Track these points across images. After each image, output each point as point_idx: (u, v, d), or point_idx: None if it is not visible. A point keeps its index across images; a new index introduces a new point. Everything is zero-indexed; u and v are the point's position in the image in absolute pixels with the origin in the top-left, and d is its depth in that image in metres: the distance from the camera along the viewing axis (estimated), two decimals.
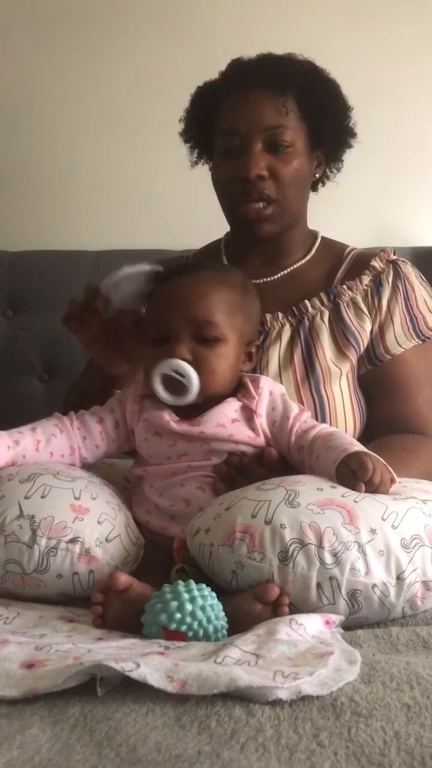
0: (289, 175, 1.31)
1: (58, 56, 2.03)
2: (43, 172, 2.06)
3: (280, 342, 1.35)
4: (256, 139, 1.29)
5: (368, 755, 0.64)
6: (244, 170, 1.29)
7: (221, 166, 1.35)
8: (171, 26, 2.02)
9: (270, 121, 1.29)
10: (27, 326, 1.95)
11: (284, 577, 0.94)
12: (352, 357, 1.34)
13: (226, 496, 1.06)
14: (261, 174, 1.29)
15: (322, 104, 1.33)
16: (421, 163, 2.02)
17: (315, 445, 1.12)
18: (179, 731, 0.68)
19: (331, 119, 1.35)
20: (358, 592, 0.93)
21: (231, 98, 1.32)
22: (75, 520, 1.04)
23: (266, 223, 1.33)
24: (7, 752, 0.65)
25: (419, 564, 0.96)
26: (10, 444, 1.14)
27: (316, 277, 1.41)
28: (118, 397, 1.23)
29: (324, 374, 1.32)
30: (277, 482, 1.04)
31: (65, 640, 0.85)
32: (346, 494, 1.01)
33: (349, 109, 1.38)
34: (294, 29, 1.97)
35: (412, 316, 1.37)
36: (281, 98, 1.29)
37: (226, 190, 1.35)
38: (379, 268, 1.38)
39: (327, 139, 1.37)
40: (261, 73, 1.31)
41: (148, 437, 1.17)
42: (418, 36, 2.00)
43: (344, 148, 1.41)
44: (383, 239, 1.95)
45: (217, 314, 1.13)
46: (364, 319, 1.35)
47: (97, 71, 2.03)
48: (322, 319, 1.36)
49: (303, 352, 1.34)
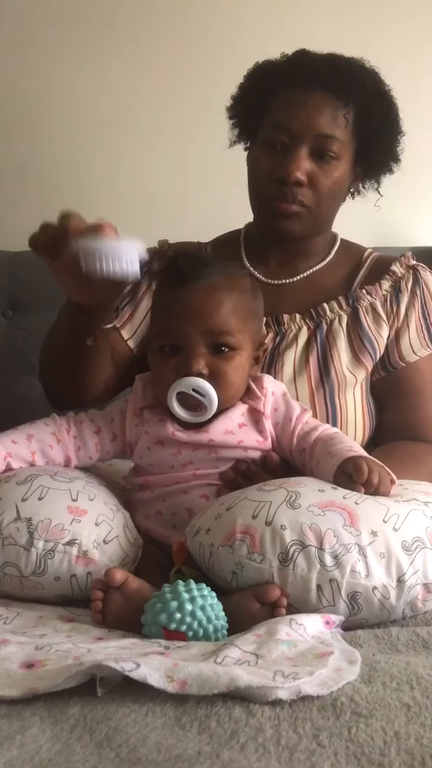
0: (328, 187, 1.28)
1: (55, 56, 2.03)
2: (43, 172, 2.06)
3: (296, 345, 1.33)
4: (305, 142, 1.25)
5: (368, 755, 0.64)
6: (284, 171, 1.25)
7: (262, 157, 1.30)
8: (172, 27, 2.01)
9: (325, 128, 1.25)
10: (27, 326, 1.94)
11: (284, 578, 0.93)
12: (367, 364, 1.33)
13: (227, 497, 1.06)
14: (301, 179, 1.25)
15: (379, 125, 1.30)
16: (420, 163, 2.02)
17: (316, 448, 1.12)
18: (179, 731, 0.68)
19: (384, 142, 1.33)
20: (358, 594, 0.93)
21: (290, 92, 1.26)
22: (72, 521, 1.03)
23: (293, 221, 1.29)
24: (7, 752, 0.65)
25: (420, 566, 0.96)
26: (5, 455, 1.12)
27: (335, 281, 1.39)
28: (118, 407, 1.19)
29: (339, 382, 1.31)
30: (279, 483, 1.04)
31: (65, 639, 0.85)
32: (347, 496, 1.01)
33: (401, 134, 1.34)
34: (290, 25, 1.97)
35: (428, 323, 1.36)
36: (343, 109, 1.25)
37: (261, 184, 1.30)
38: (399, 274, 1.37)
39: (373, 157, 1.34)
40: (329, 75, 1.25)
41: (150, 446, 1.15)
42: (416, 33, 2.00)
43: (386, 171, 1.37)
44: (383, 239, 1.95)
45: (233, 323, 1.10)
46: (382, 325, 1.34)
47: (96, 71, 2.03)
48: (340, 323, 1.34)
49: (319, 357, 1.32)
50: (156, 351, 1.14)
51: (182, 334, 1.09)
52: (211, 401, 1.08)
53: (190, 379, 1.08)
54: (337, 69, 1.26)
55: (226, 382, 1.10)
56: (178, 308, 1.10)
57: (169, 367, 1.10)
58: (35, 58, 2.04)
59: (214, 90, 1.47)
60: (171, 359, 1.10)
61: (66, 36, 2.02)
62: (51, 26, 2.02)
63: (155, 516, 1.15)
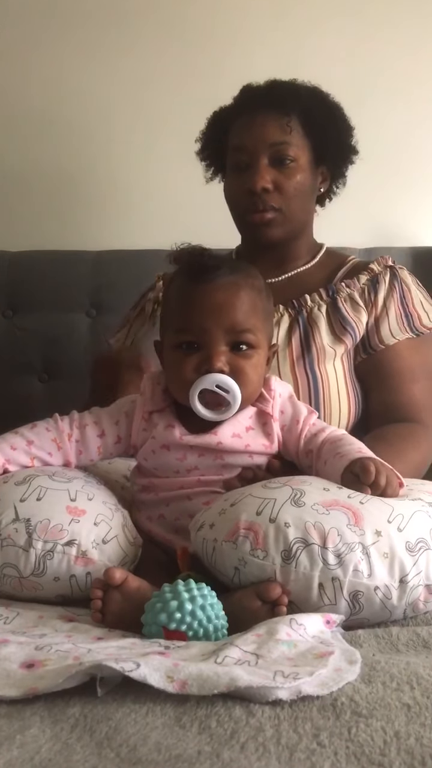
0: (293, 188, 1.39)
1: (56, 56, 2.03)
2: (43, 172, 2.06)
3: (278, 328, 1.39)
4: (262, 154, 1.38)
5: (368, 755, 0.64)
6: (251, 183, 1.38)
7: (231, 180, 1.44)
8: (171, 28, 2.02)
9: (274, 137, 1.38)
10: (27, 326, 1.94)
11: (286, 575, 0.94)
12: (347, 342, 1.39)
13: (231, 493, 1.06)
14: (266, 187, 1.37)
15: (323, 123, 1.42)
16: (420, 163, 2.02)
17: (323, 450, 1.12)
18: (179, 731, 0.68)
19: (333, 137, 1.44)
20: (360, 594, 0.93)
21: (241, 119, 1.42)
22: (71, 522, 1.03)
23: (271, 227, 1.40)
24: (7, 752, 0.65)
25: (423, 567, 0.96)
26: (3, 462, 1.12)
27: (316, 279, 1.47)
28: (124, 409, 1.18)
29: (318, 353, 1.37)
30: (284, 481, 1.04)
31: (65, 639, 0.85)
32: (352, 495, 1.01)
33: (351, 129, 1.46)
34: (292, 28, 1.98)
35: (407, 312, 1.42)
36: (285, 118, 1.38)
37: (236, 201, 1.43)
38: (376, 270, 1.45)
39: (329, 155, 1.45)
40: (268, 96, 1.41)
41: (155, 450, 1.14)
42: (417, 34, 2.00)
43: (347, 164, 1.49)
44: (383, 239, 1.95)
45: (253, 321, 1.11)
46: (360, 312, 1.41)
47: (96, 72, 2.03)
48: (319, 310, 1.41)
49: (301, 336, 1.39)
50: (172, 349, 1.13)
51: (203, 331, 1.09)
52: (235, 397, 1.07)
53: (214, 375, 1.07)
54: (274, 89, 1.42)
55: (246, 379, 1.10)
56: (200, 305, 1.10)
57: (189, 366, 1.09)
58: (35, 58, 2.04)
59: (216, 90, 1.48)
60: (190, 357, 1.10)
61: (71, 36, 2.03)
62: (52, 27, 2.03)
63: (158, 519, 1.15)
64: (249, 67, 1.93)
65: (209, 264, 1.12)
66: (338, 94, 1.47)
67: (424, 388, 1.41)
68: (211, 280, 1.10)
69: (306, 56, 1.95)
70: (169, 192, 2.03)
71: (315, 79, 1.45)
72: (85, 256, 1.96)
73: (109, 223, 2.07)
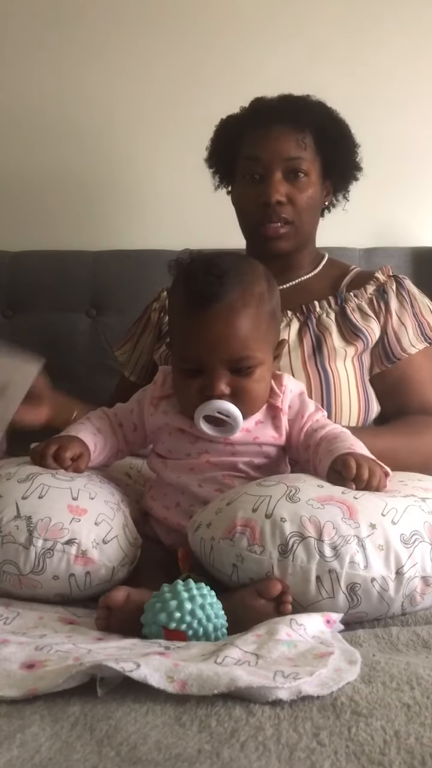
0: (305, 202, 1.42)
1: (56, 58, 2.03)
2: (43, 172, 2.06)
3: (289, 330, 1.41)
4: (277, 168, 1.41)
5: (368, 754, 0.64)
6: (266, 196, 1.40)
7: (243, 189, 1.46)
8: (175, 31, 2.02)
9: (290, 152, 1.41)
10: (27, 326, 1.94)
11: (284, 569, 0.94)
12: (359, 346, 1.41)
13: (228, 493, 1.08)
14: (281, 200, 1.40)
15: (334, 141, 1.46)
16: (420, 164, 2.02)
17: (320, 447, 1.13)
18: (179, 730, 0.68)
19: (342, 154, 1.49)
20: (357, 586, 0.94)
21: (255, 130, 1.44)
22: (72, 521, 1.04)
23: (282, 240, 1.43)
24: (7, 751, 0.65)
25: (419, 559, 0.97)
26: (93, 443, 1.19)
27: (321, 287, 1.49)
28: (137, 397, 1.24)
29: (330, 352, 1.39)
30: (278, 479, 1.06)
31: (65, 640, 0.85)
32: (346, 491, 1.03)
33: (357, 146, 1.50)
34: (295, 33, 1.98)
35: (419, 321, 1.45)
36: (300, 134, 1.42)
37: (248, 212, 1.46)
38: (381, 280, 1.47)
39: (337, 171, 1.50)
40: (283, 110, 1.43)
41: (171, 432, 1.18)
42: (416, 37, 2.00)
43: (351, 180, 1.53)
44: (384, 239, 1.95)
45: (252, 344, 1.11)
46: (370, 320, 1.43)
47: (97, 73, 2.03)
48: (329, 317, 1.43)
49: (312, 337, 1.41)
50: (176, 369, 1.16)
51: (201, 361, 1.11)
52: (236, 421, 1.11)
53: (215, 402, 1.10)
54: (289, 104, 1.45)
55: (249, 398, 1.13)
56: (197, 337, 1.11)
57: (193, 388, 1.12)
58: (38, 60, 2.04)
59: (219, 93, 1.49)
60: (193, 380, 1.12)
61: (67, 37, 2.03)
62: (51, 27, 2.03)
63: (174, 507, 1.16)
64: (252, 71, 1.95)
65: (205, 292, 1.10)
66: (340, 95, 1.48)
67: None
68: (206, 307, 1.10)
69: (309, 57, 1.96)
70: (169, 192, 2.02)
71: (320, 79, 1.47)
72: (85, 256, 1.96)
73: (109, 223, 2.06)
